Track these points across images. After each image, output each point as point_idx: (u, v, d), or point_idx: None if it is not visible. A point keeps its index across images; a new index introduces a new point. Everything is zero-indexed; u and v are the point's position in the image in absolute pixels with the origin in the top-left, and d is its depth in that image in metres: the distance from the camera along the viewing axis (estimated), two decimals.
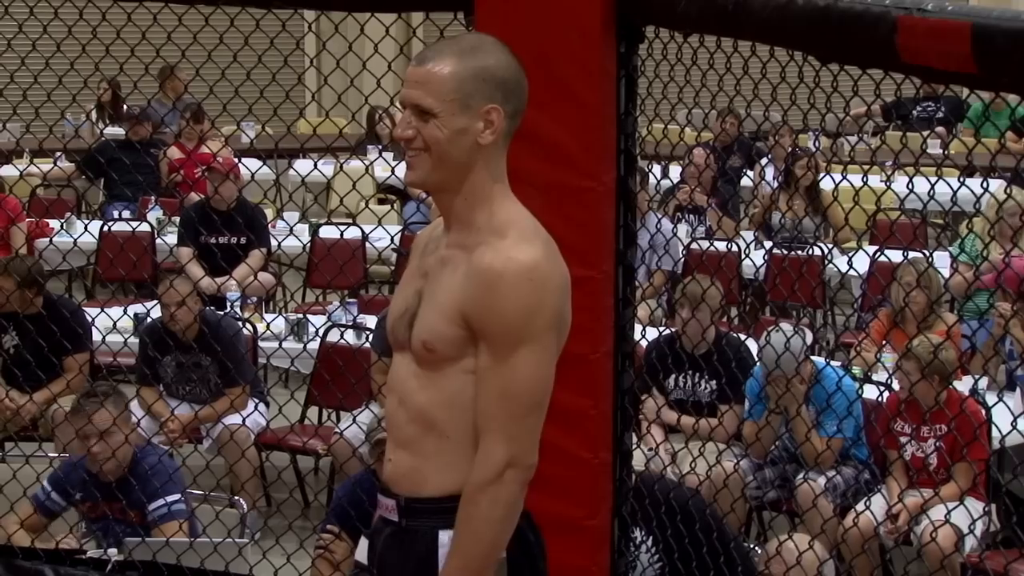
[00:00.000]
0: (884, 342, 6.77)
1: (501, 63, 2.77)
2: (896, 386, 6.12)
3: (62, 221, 9.17)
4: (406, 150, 2.77)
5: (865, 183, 4.03)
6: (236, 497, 5.70)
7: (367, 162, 8.71)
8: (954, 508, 4.90)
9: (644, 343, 6.34)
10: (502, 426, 2.71)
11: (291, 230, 7.46)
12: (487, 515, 2.71)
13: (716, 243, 8.29)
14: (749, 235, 9.04)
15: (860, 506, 5.82)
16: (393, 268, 9.18)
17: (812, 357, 6.20)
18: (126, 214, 9.83)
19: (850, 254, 8.14)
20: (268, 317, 7.89)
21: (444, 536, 2.79)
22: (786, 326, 6.02)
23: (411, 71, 2.76)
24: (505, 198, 2.80)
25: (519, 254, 2.71)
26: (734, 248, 8.37)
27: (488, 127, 2.74)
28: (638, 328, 4.28)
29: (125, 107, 12.22)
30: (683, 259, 8.30)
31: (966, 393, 6.01)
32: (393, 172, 9.23)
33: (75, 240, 6.82)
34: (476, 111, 2.73)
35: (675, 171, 10.03)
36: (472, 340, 2.74)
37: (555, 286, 2.75)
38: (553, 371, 2.79)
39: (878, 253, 6.31)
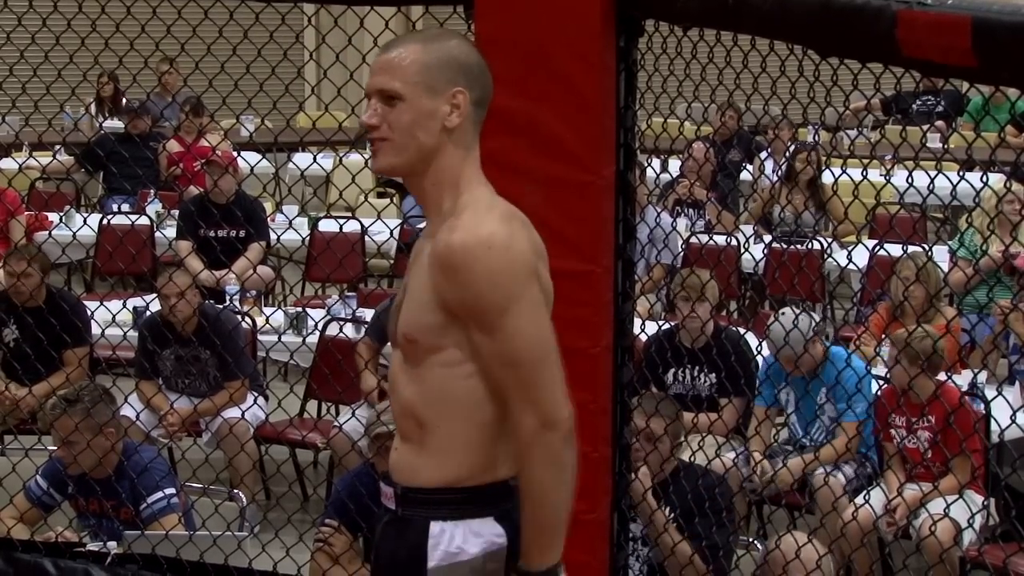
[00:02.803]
0: (883, 336, 6.77)
1: (464, 50, 2.82)
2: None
3: (61, 214, 9.16)
4: (368, 137, 2.80)
5: (865, 177, 4.03)
6: (235, 490, 5.69)
7: (366, 156, 8.72)
8: (953, 502, 4.90)
9: (643, 337, 6.34)
10: (519, 394, 2.73)
11: (290, 223, 7.47)
12: (539, 480, 2.74)
13: (715, 237, 8.29)
14: (748, 229, 9.03)
15: (859, 500, 5.83)
16: (392, 262, 9.18)
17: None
18: (125, 207, 9.82)
19: (850, 248, 8.14)
20: (267, 311, 7.89)
21: (435, 527, 2.82)
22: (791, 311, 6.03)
23: (375, 61, 2.81)
24: (472, 183, 2.82)
25: (474, 228, 2.73)
26: (733, 242, 8.37)
27: (454, 110, 2.77)
28: (637, 322, 4.28)
29: (124, 100, 12.23)
30: (682, 253, 8.29)
31: (964, 387, 6.01)
32: None
33: (74, 233, 6.82)
34: (442, 94, 2.76)
35: (674, 165, 10.03)
36: (450, 327, 2.75)
37: (519, 249, 2.75)
38: (548, 320, 2.80)
39: (877, 247, 6.32)
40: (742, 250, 8.42)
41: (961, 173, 3.80)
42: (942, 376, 5.84)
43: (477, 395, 2.79)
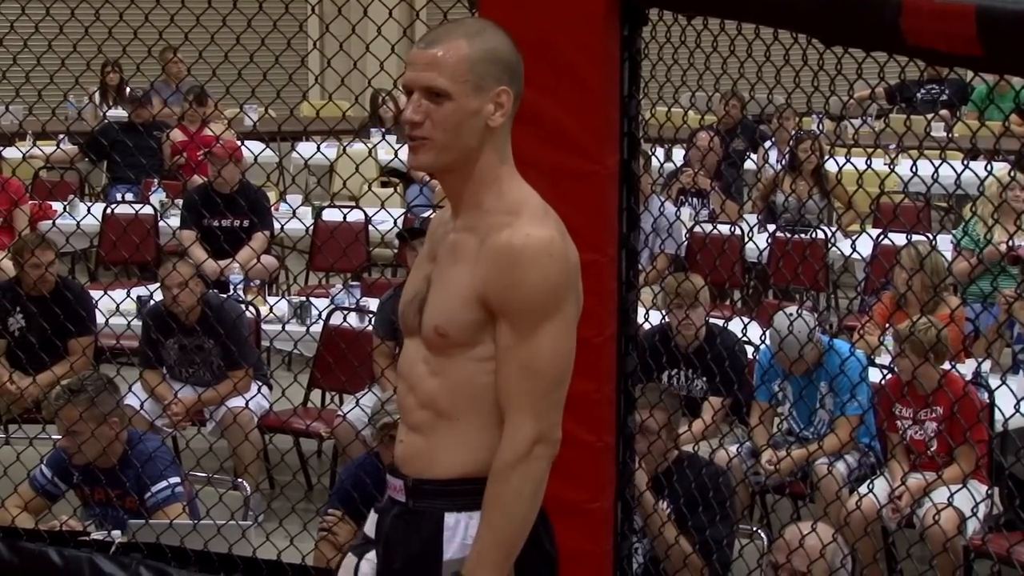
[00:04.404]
0: (887, 325, 6.77)
1: (506, 46, 2.78)
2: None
3: (65, 203, 9.16)
4: (410, 134, 2.76)
5: (869, 166, 4.03)
6: (239, 480, 5.70)
7: (370, 145, 8.72)
8: (957, 491, 4.90)
9: (647, 326, 6.33)
10: (530, 403, 2.71)
11: (294, 213, 7.46)
12: (518, 492, 2.71)
13: (719, 226, 8.28)
14: (753, 218, 9.02)
15: (863, 489, 5.83)
16: (396, 251, 9.18)
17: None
18: (129, 197, 9.83)
19: (854, 237, 8.13)
20: (271, 300, 7.89)
21: (450, 518, 2.80)
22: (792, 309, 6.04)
23: (418, 54, 2.74)
24: (513, 179, 2.81)
25: (535, 231, 2.72)
26: (737, 231, 8.36)
27: (498, 109, 2.75)
28: (641, 311, 4.28)
29: (128, 89, 12.22)
30: (686, 242, 8.28)
31: (968, 376, 6.01)
32: (396, 155, 9.27)
33: (78, 222, 6.82)
34: (488, 93, 2.74)
35: (678, 154, 10.01)
36: (487, 325, 2.74)
37: (572, 262, 2.77)
38: (574, 344, 2.79)
39: (882, 236, 6.32)
40: (746, 239, 8.42)
41: (965, 162, 3.80)
42: (946, 366, 5.84)
43: None
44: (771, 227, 8.61)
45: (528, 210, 2.76)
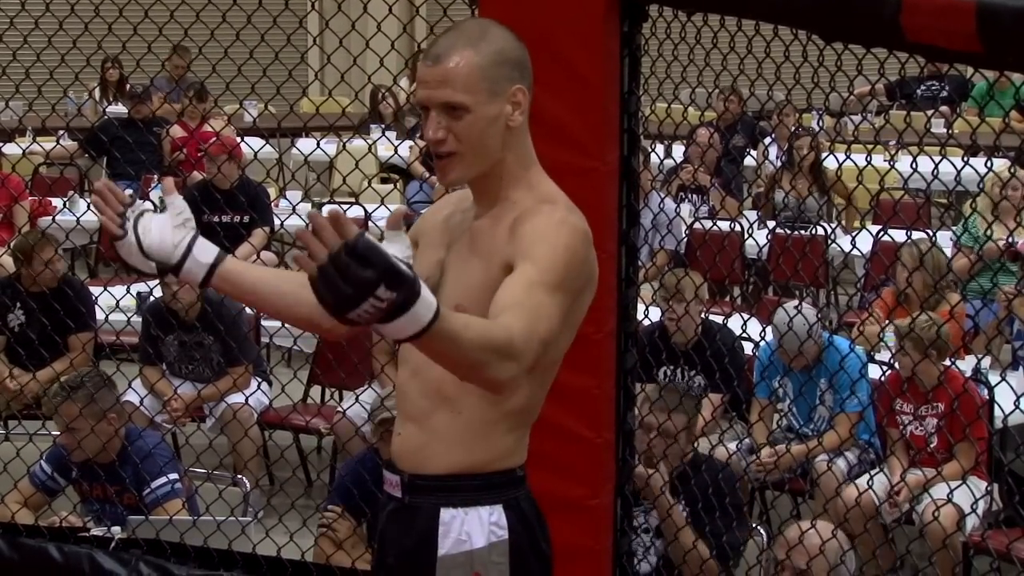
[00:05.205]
0: (887, 321, 6.77)
1: (511, 43, 2.76)
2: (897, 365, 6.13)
3: (65, 199, 9.16)
4: (436, 152, 2.72)
5: (869, 162, 4.03)
6: (239, 476, 5.70)
7: (370, 141, 8.71)
8: (956, 487, 4.90)
9: (647, 323, 6.32)
10: (532, 322, 2.53)
11: (294, 209, 7.44)
12: (472, 355, 2.45)
13: (719, 223, 8.28)
14: (752, 215, 9.02)
15: (862, 482, 5.84)
16: None
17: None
18: (129, 192, 9.82)
19: (853, 233, 8.14)
20: None
21: (445, 514, 2.77)
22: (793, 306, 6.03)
23: (428, 71, 2.70)
24: (541, 175, 2.80)
25: (574, 219, 2.71)
26: (737, 228, 8.36)
27: (516, 108, 2.73)
28: (641, 308, 4.28)
29: (128, 86, 12.24)
30: (686, 239, 8.28)
31: (968, 373, 6.01)
32: (396, 151, 9.26)
33: (78, 219, 6.82)
34: (503, 95, 2.71)
35: (678, 151, 10.02)
36: None
37: (594, 264, 2.75)
38: (565, 346, 2.74)
39: (881, 233, 6.31)
40: (745, 236, 8.42)
41: (965, 158, 3.80)
42: (947, 362, 5.84)
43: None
44: (771, 223, 8.61)
45: (562, 201, 2.75)
